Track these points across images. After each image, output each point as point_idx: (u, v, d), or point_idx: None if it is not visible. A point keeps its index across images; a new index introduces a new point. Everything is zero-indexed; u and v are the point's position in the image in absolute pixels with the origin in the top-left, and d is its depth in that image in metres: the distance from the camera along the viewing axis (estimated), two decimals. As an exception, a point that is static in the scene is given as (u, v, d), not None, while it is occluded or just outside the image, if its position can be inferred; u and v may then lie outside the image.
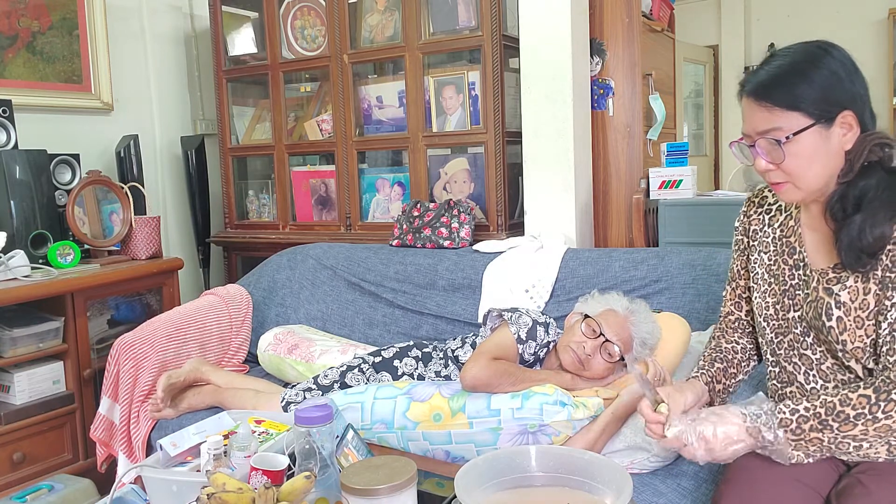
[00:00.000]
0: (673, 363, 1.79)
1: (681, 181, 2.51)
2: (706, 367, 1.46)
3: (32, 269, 2.41)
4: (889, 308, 1.18)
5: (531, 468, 1.30)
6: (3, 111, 2.50)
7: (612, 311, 1.79)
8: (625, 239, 2.61)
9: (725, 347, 1.49)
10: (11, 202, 2.44)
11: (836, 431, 1.16)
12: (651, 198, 2.56)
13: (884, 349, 1.20)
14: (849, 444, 1.20)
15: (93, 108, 3.01)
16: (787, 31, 5.71)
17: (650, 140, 2.84)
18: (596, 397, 1.70)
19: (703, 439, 1.20)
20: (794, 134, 1.18)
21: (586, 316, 1.78)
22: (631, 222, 2.58)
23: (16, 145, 2.51)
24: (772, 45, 5.77)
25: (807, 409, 1.18)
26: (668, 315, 1.92)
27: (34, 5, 2.80)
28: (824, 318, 1.26)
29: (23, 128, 2.60)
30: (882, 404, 1.14)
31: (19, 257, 2.39)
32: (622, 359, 1.74)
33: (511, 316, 1.83)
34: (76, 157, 2.72)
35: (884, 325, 1.19)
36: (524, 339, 1.79)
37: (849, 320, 1.23)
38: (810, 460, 1.25)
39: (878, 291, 1.20)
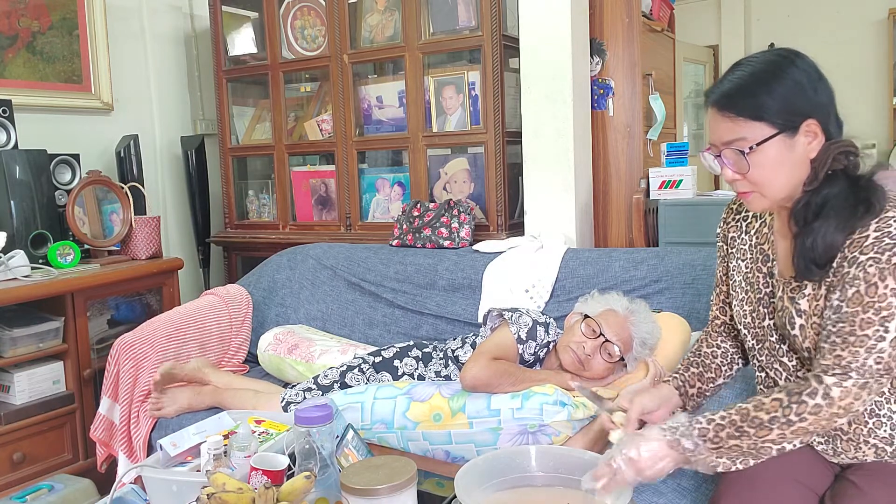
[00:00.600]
0: (673, 363, 1.80)
1: (681, 181, 2.51)
2: (680, 371, 1.48)
3: (32, 269, 2.41)
4: (827, 308, 1.19)
5: (531, 468, 1.30)
6: (3, 111, 2.50)
7: (612, 311, 1.79)
8: (625, 239, 2.61)
9: (705, 352, 1.51)
10: (11, 202, 2.44)
11: (754, 437, 1.16)
12: (651, 198, 2.56)
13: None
14: (770, 447, 1.19)
15: (93, 108, 3.01)
16: (787, 31, 5.71)
17: (650, 140, 2.84)
18: (596, 397, 1.70)
19: (629, 461, 1.19)
20: (758, 144, 1.18)
21: (586, 316, 1.78)
22: (631, 222, 2.58)
23: (16, 145, 2.51)
24: (772, 44, 5.75)
25: (723, 417, 1.18)
26: (668, 315, 1.92)
27: (34, 5, 2.80)
28: (788, 327, 1.27)
29: (23, 128, 2.60)
30: (794, 406, 1.14)
31: (19, 257, 2.39)
32: (622, 359, 1.74)
33: (511, 316, 1.83)
34: (76, 157, 2.72)
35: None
36: (524, 339, 1.79)
37: (808, 328, 1.23)
38: (739, 466, 1.24)
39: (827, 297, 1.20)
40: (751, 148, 1.18)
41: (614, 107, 2.62)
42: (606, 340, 1.73)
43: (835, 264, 1.18)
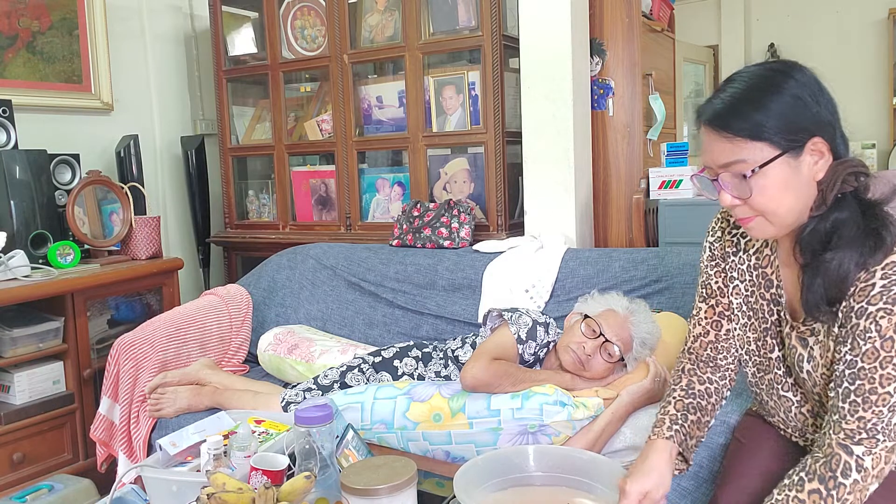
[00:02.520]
0: (673, 363, 1.79)
1: (681, 181, 2.51)
2: (680, 421, 1.33)
3: (32, 269, 2.41)
4: (838, 362, 1.12)
5: (530, 468, 1.30)
6: (3, 111, 2.50)
7: (611, 311, 1.79)
8: (625, 239, 2.61)
9: (699, 390, 1.37)
10: (11, 202, 2.44)
11: None
12: (651, 198, 2.56)
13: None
14: None
15: (93, 108, 3.01)
16: (787, 31, 5.71)
17: (650, 140, 2.84)
18: (596, 397, 1.70)
19: None
20: (761, 167, 1.08)
21: (586, 316, 1.78)
22: (631, 222, 2.58)
23: (16, 145, 2.51)
24: (772, 45, 5.77)
25: None
26: (668, 315, 1.92)
27: (34, 5, 2.80)
28: (797, 369, 1.22)
29: (23, 128, 2.60)
30: (835, 492, 1.07)
31: (19, 257, 2.39)
32: (622, 359, 1.74)
33: (511, 316, 1.83)
34: (76, 157, 2.72)
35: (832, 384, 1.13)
36: (524, 339, 1.79)
37: (816, 375, 1.18)
38: None
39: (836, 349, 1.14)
40: (753, 171, 1.09)
41: (614, 107, 2.62)
42: (606, 340, 1.73)
43: (841, 314, 1.11)
